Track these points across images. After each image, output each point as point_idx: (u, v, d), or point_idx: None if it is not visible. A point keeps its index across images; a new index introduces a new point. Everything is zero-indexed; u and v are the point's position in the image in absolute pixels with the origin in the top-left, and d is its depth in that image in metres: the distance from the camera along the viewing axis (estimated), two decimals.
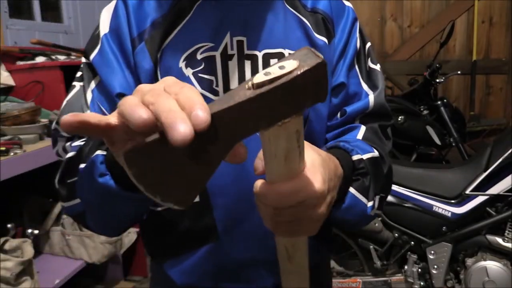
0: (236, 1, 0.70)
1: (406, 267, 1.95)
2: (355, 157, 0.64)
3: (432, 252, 1.89)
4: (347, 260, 2.14)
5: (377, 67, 0.79)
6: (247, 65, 0.69)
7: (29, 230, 1.76)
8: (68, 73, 1.88)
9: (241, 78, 0.69)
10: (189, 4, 0.70)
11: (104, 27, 0.71)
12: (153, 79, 0.70)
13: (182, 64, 0.69)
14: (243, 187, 0.69)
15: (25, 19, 2.43)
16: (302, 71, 0.38)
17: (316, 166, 0.47)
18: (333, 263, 2.10)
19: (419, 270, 1.94)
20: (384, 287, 1.98)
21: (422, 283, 1.93)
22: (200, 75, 0.69)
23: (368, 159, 0.65)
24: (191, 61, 0.69)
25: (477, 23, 3.47)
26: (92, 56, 0.70)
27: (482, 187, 1.86)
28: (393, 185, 1.94)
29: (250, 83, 0.38)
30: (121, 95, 0.68)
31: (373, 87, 0.76)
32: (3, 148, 1.39)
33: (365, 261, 2.06)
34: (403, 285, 1.95)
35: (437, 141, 2.50)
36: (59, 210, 1.85)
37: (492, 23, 3.50)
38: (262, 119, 0.40)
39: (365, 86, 0.76)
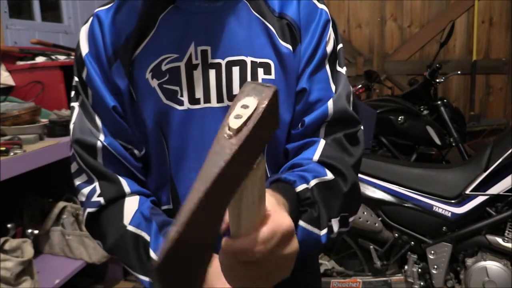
0: (198, 10, 0.71)
1: (406, 267, 1.95)
2: (299, 188, 0.63)
3: (432, 252, 1.89)
4: (347, 260, 2.14)
5: (343, 70, 0.76)
6: (211, 73, 0.70)
7: (29, 230, 1.76)
8: (68, 73, 1.88)
9: (206, 87, 0.70)
10: (154, 17, 0.71)
11: (84, 48, 0.73)
12: (129, 95, 0.71)
13: (148, 76, 0.70)
14: None
15: (25, 19, 2.43)
16: (266, 104, 0.39)
17: (273, 203, 0.48)
18: (333, 263, 2.10)
19: (419, 270, 1.94)
20: (384, 287, 1.98)
21: (422, 283, 1.93)
22: (165, 86, 0.70)
23: (316, 184, 0.65)
24: (156, 73, 0.70)
25: (477, 23, 3.47)
26: (84, 76, 0.72)
27: (482, 187, 1.86)
28: (393, 185, 1.95)
29: (227, 131, 0.39)
30: (116, 110, 0.71)
31: (335, 91, 0.73)
32: (3, 148, 1.39)
33: (365, 261, 2.06)
34: (403, 285, 1.95)
35: (437, 141, 2.50)
36: (59, 210, 1.84)
37: (492, 23, 3.50)
38: (248, 165, 0.40)
39: (332, 89, 0.73)
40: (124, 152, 0.72)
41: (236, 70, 0.70)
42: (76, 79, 0.74)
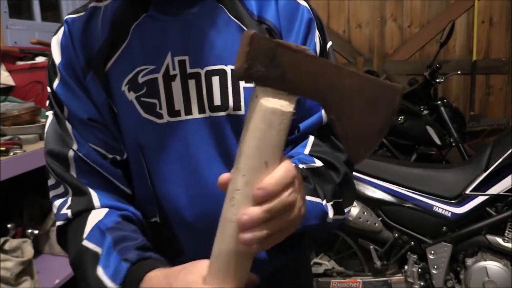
0: (172, 18, 0.68)
1: (406, 267, 1.95)
2: None
3: (432, 252, 1.89)
4: (347, 260, 2.14)
5: None
6: (191, 84, 0.67)
7: (29, 230, 1.75)
8: None
9: (186, 99, 0.67)
10: (126, 27, 0.68)
11: (57, 57, 0.70)
12: (107, 107, 0.69)
13: (124, 88, 0.68)
14: (200, 205, 0.69)
15: (25, 19, 2.43)
16: None
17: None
18: (333, 263, 2.10)
19: (419, 270, 1.94)
20: (384, 287, 1.98)
21: (422, 283, 1.93)
22: (142, 99, 0.67)
23: (307, 169, 0.64)
24: (133, 85, 0.67)
25: (477, 23, 3.47)
26: (55, 86, 0.70)
27: (482, 187, 1.86)
28: (393, 185, 1.95)
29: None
30: (92, 120, 0.69)
31: None
32: (3, 148, 1.39)
33: (365, 261, 2.06)
34: (403, 285, 1.95)
35: (437, 141, 2.49)
36: None
37: (492, 23, 3.49)
38: None
39: None
40: (101, 161, 0.69)
41: (216, 80, 0.67)
42: (49, 89, 0.71)
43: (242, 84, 0.68)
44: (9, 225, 1.66)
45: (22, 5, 2.47)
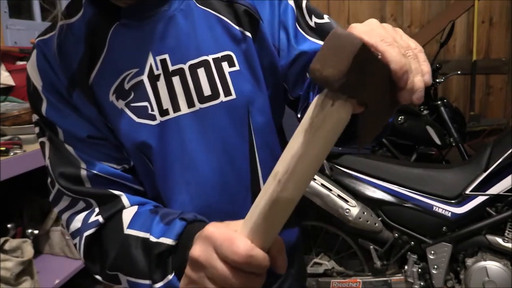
0: (146, 21, 0.68)
1: (406, 267, 1.95)
2: None
3: (432, 252, 1.89)
4: (347, 260, 2.14)
5: (325, 19, 0.74)
6: (175, 81, 0.68)
7: (29, 230, 1.75)
8: None
9: (172, 96, 0.67)
10: (101, 38, 0.68)
11: (38, 82, 0.69)
12: (101, 120, 0.68)
13: (112, 98, 0.67)
14: (201, 199, 0.70)
15: (25, 19, 2.43)
16: None
17: None
18: (333, 263, 2.10)
19: (419, 270, 1.94)
20: (384, 287, 1.98)
21: (422, 283, 1.93)
22: (132, 104, 0.67)
23: None
24: (120, 93, 0.67)
25: (477, 23, 3.46)
26: (43, 110, 0.68)
27: (482, 187, 1.86)
28: (393, 185, 1.95)
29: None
30: (91, 137, 0.68)
31: None
32: (3, 148, 1.39)
33: (365, 261, 2.06)
34: (403, 285, 1.95)
35: (437, 141, 2.49)
36: None
37: (492, 23, 3.49)
38: None
39: (320, 42, 0.71)
40: (115, 171, 0.68)
41: (201, 71, 0.68)
42: (36, 116, 0.70)
43: (227, 69, 0.69)
44: (9, 225, 1.66)
45: (22, 5, 2.47)
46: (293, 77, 0.72)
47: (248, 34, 0.70)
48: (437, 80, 2.55)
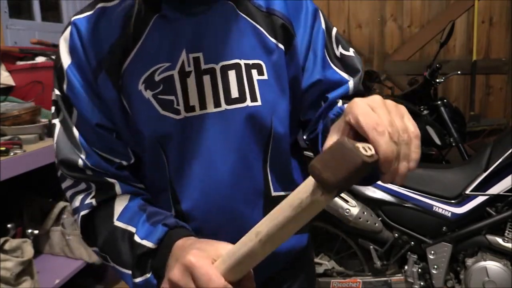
0: (184, 17, 0.70)
1: (406, 267, 1.95)
2: None
3: (432, 252, 1.89)
4: (347, 260, 2.14)
5: (350, 52, 0.78)
6: (206, 79, 0.69)
7: (29, 230, 1.76)
8: None
9: (201, 95, 0.69)
10: (139, 27, 0.69)
11: (66, 59, 0.70)
12: (119, 106, 0.70)
13: (141, 87, 0.69)
14: (212, 200, 0.71)
15: (25, 19, 2.43)
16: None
17: None
18: (333, 263, 2.10)
19: (419, 270, 1.94)
20: (384, 287, 1.98)
21: (422, 283, 1.93)
22: (160, 96, 0.69)
23: None
24: (150, 83, 0.69)
25: (477, 23, 3.47)
26: (65, 88, 0.70)
27: (482, 187, 1.86)
28: (393, 185, 1.95)
29: (368, 152, 0.44)
30: (100, 126, 0.70)
31: (352, 72, 0.76)
32: (3, 148, 1.39)
33: (365, 261, 2.06)
34: (403, 285, 1.95)
35: (437, 141, 2.49)
36: (59, 210, 1.84)
37: (492, 23, 3.49)
38: None
39: (342, 73, 0.75)
40: (110, 168, 0.71)
41: (232, 74, 0.69)
42: (57, 92, 0.72)
43: (256, 77, 0.71)
44: (9, 225, 1.66)
45: (22, 5, 2.47)
46: (308, 101, 0.75)
47: (281, 46, 0.73)
48: (437, 80, 2.55)
